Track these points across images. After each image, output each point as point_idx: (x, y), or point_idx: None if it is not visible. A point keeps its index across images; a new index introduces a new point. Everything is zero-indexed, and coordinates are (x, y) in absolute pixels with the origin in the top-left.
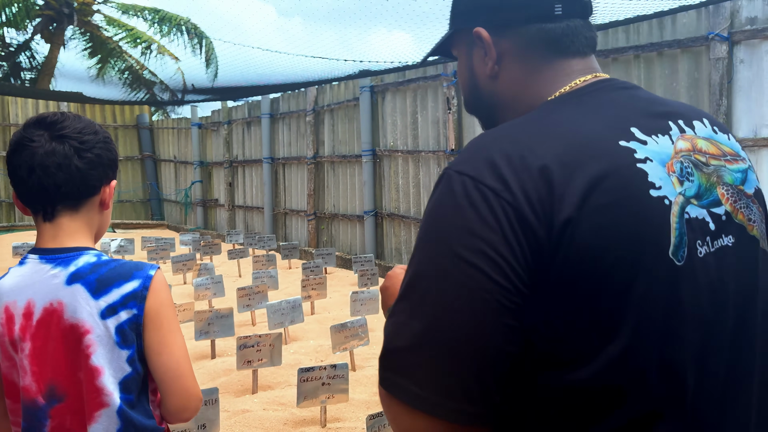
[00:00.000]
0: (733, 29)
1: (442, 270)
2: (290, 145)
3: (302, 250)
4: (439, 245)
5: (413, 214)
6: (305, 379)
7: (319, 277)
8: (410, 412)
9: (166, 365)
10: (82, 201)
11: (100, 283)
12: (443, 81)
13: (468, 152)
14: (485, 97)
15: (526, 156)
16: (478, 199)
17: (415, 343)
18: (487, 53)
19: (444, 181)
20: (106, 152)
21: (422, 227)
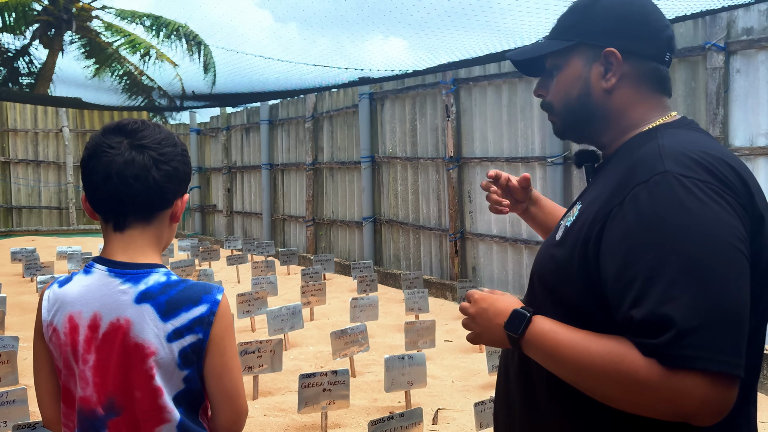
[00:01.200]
0: (730, 39)
1: (718, 256)
2: (289, 152)
3: (301, 256)
4: (710, 238)
5: (412, 220)
6: (306, 385)
7: (319, 283)
8: (711, 379)
9: (226, 387)
10: (155, 213)
11: (170, 306)
12: (442, 89)
13: (670, 158)
14: (593, 107)
15: (718, 161)
16: (716, 196)
17: (714, 321)
18: (611, 71)
19: (668, 182)
20: (182, 165)
21: (670, 224)
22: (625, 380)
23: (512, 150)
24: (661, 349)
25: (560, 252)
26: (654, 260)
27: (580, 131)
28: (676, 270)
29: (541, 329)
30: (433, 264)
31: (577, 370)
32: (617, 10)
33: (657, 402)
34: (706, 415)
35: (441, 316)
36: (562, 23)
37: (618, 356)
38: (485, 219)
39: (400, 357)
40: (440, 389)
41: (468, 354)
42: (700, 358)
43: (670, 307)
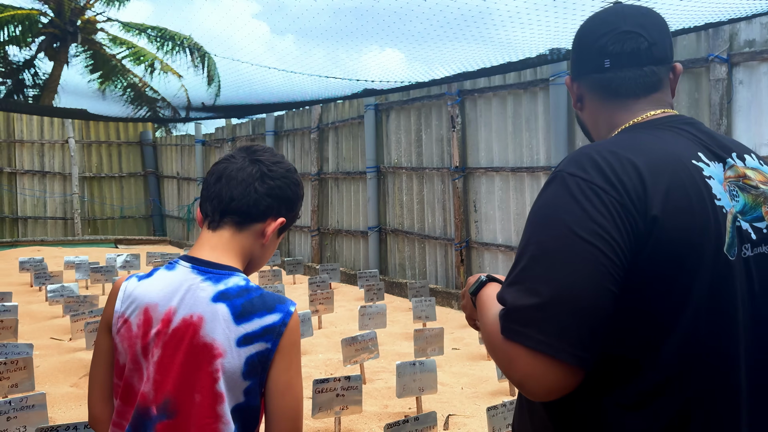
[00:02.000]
0: (732, 51)
1: (566, 247)
2: (294, 162)
3: (306, 265)
4: (561, 229)
5: (417, 230)
6: (320, 390)
7: (326, 292)
8: (532, 356)
9: (287, 406)
10: (248, 222)
11: (245, 310)
12: (447, 100)
13: (575, 159)
14: (583, 125)
15: (624, 161)
16: (591, 195)
17: (543, 302)
18: (573, 95)
19: (558, 180)
20: (286, 188)
21: (538, 216)
22: (489, 342)
23: (517, 160)
24: (501, 319)
25: None
26: (522, 247)
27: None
28: (528, 257)
29: (486, 293)
30: (438, 273)
31: (484, 332)
32: (577, 40)
33: (501, 365)
34: (532, 389)
35: (447, 324)
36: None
37: (492, 320)
38: (490, 228)
39: (411, 363)
40: (450, 396)
41: (476, 362)
42: (521, 334)
43: (512, 288)
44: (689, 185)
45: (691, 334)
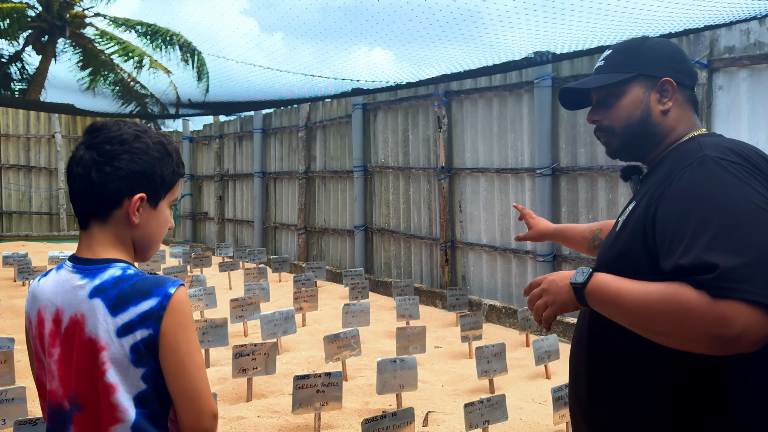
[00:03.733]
0: (713, 57)
1: (752, 215)
2: (282, 160)
3: (292, 263)
4: (740, 200)
5: (403, 229)
6: (301, 386)
7: (311, 290)
8: (752, 308)
9: (182, 386)
10: (107, 212)
11: (119, 300)
12: (434, 100)
13: (715, 148)
14: (652, 126)
15: (749, 150)
16: (746, 173)
17: (750, 261)
18: (667, 96)
19: (710, 163)
20: (129, 164)
21: (708, 192)
22: (679, 310)
23: (502, 161)
24: (710, 281)
25: (620, 241)
26: (698, 220)
27: (636, 148)
28: (716, 225)
29: (603, 279)
30: (423, 272)
31: (636, 309)
32: (663, 49)
33: (706, 328)
34: (748, 341)
35: (431, 323)
36: (615, 60)
37: (673, 291)
38: (475, 228)
39: (392, 360)
40: (430, 393)
41: (458, 360)
42: (742, 289)
43: (714, 252)
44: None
45: None
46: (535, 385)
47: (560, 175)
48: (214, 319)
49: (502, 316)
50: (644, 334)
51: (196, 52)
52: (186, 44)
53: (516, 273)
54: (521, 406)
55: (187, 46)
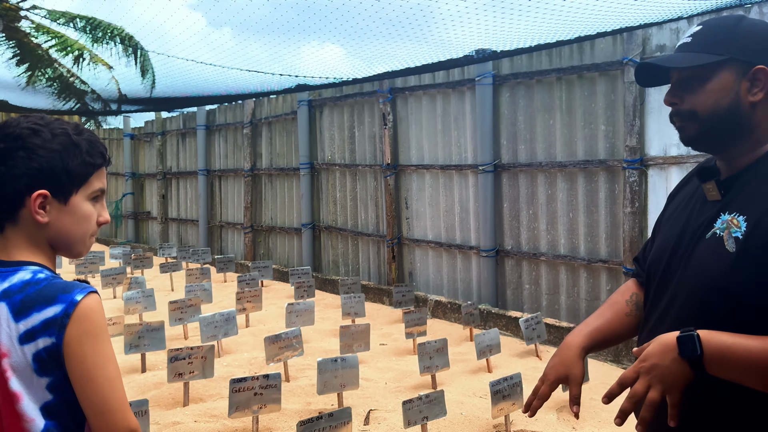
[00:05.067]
0: (645, 55)
1: None
2: (227, 158)
3: (238, 263)
4: None
5: (350, 226)
6: (237, 389)
7: (255, 290)
8: None
9: (90, 399)
10: (15, 213)
11: (24, 305)
12: (379, 97)
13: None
14: (739, 117)
15: None
16: None
17: None
18: (759, 86)
19: None
20: (25, 161)
21: None
22: None
23: (447, 158)
24: None
25: (747, 263)
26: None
27: (717, 139)
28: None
29: (719, 342)
30: (371, 269)
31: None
32: (762, 32)
33: None
34: None
35: (378, 320)
36: (706, 39)
37: None
38: (421, 225)
39: (333, 360)
40: (373, 391)
41: (402, 357)
42: None
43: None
44: None
45: None
46: (477, 379)
47: (502, 171)
48: (150, 322)
49: (448, 312)
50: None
51: (139, 47)
52: (128, 38)
53: (461, 268)
54: (462, 401)
55: (129, 41)
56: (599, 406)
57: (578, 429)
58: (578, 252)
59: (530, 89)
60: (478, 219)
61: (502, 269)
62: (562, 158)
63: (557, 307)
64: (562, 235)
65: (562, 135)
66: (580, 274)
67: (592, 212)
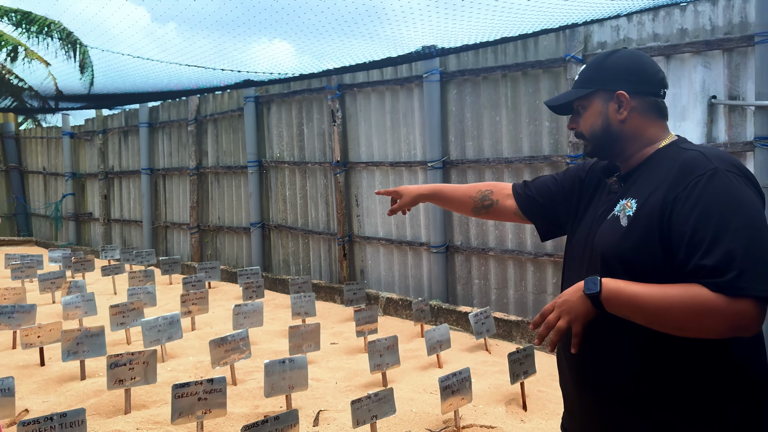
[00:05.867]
0: (587, 52)
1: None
2: (171, 156)
3: (185, 264)
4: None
5: (301, 225)
6: (180, 395)
7: (201, 292)
8: (759, 302)
9: None
10: None
11: None
12: (328, 94)
13: (723, 160)
14: (613, 133)
15: (738, 161)
16: (749, 185)
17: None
18: (623, 107)
19: (725, 176)
20: None
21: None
22: (700, 310)
23: (396, 155)
24: (728, 283)
25: (634, 234)
26: (716, 225)
27: (604, 151)
28: (732, 231)
29: (615, 285)
30: (322, 268)
31: (657, 310)
32: (622, 63)
33: (723, 322)
34: (754, 328)
35: (329, 319)
36: (583, 76)
37: (692, 293)
38: (372, 222)
39: (281, 361)
40: (324, 391)
41: (353, 355)
42: (755, 288)
43: (733, 255)
44: None
45: None
46: (428, 375)
47: (451, 167)
48: (89, 327)
49: (399, 308)
50: (661, 329)
51: (78, 42)
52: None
53: (412, 265)
54: (413, 398)
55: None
56: (546, 398)
57: (526, 421)
58: (525, 246)
59: (477, 86)
60: (428, 215)
61: (452, 265)
62: (509, 154)
63: (506, 301)
64: (509, 230)
65: (508, 131)
66: (527, 268)
67: None
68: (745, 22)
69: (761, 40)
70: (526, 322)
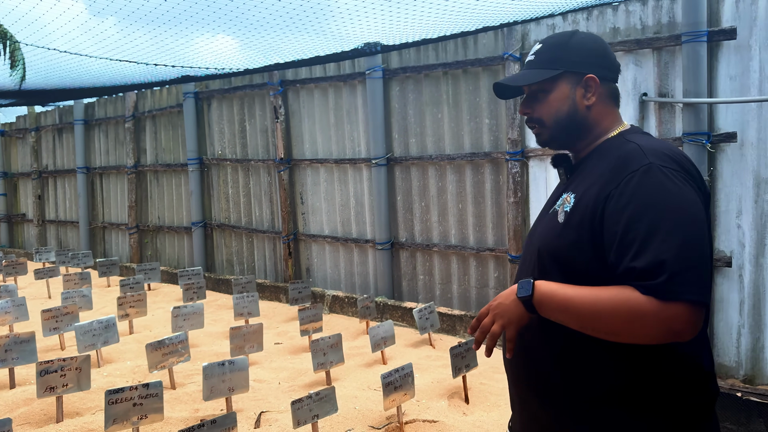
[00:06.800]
0: (524, 50)
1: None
2: (108, 154)
3: (123, 266)
4: (681, 209)
5: (244, 224)
6: (114, 401)
7: (139, 294)
8: (693, 308)
9: None
10: None
11: None
12: (270, 90)
13: (656, 154)
14: (578, 120)
15: (682, 156)
16: (684, 181)
17: (695, 265)
18: (591, 92)
19: (656, 171)
20: None
21: (656, 199)
22: (631, 314)
23: (341, 152)
24: (659, 287)
25: (568, 231)
26: (648, 226)
27: (565, 139)
28: (665, 232)
29: (548, 288)
30: (267, 267)
31: (588, 314)
32: (588, 46)
33: (655, 327)
34: (689, 333)
35: (274, 319)
36: (546, 56)
37: (624, 297)
38: (317, 220)
39: (220, 364)
40: (266, 392)
41: (297, 355)
42: (687, 291)
43: (664, 257)
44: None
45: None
46: (372, 372)
47: (394, 164)
48: (19, 333)
49: (345, 306)
50: (594, 334)
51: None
52: None
53: (358, 262)
54: (357, 395)
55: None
56: (488, 391)
57: (468, 414)
58: (468, 242)
59: (419, 83)
60: (373, 212)
61: (397, 261)
62: (451, 151)
63: (450, 296)
64: (452, 226)
65: (450, 128)
66: (470, 263)
67: (479, 203)
68: (673, 21)
69: (688, 39)
70: (470, 316)
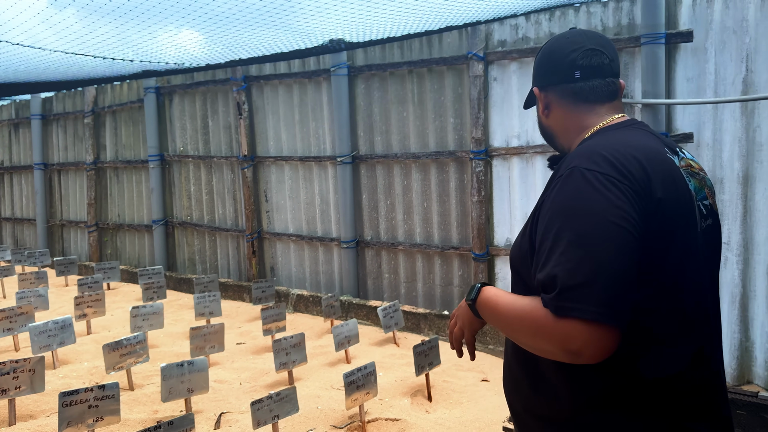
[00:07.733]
0: (488, 50)
1: (600, 231)
2: (66, 150)
3: (82, 265)
4: (592, 216)
5: (207, 222)
6: (68, 403)
7: (97, 294)
8: (587, 325)
9: None
10: None
11: None
12: (233, 85)
13: (586, 156)
14: (546, 131)
15: (627, 155)
16: (609, 185)
17: (588, 280)
18: (541, 103)
19: (577, 175)
20: None
21: (567, 207)
22: (531, 327)
23: (305, 149)
24: (551, 301)
25: (522, 240)
26: (554, 235)
27: (552, 146)
28: (566, 242)
29: (486, 295)
30: (231, 266)
31: (506, 322)
32: (538, 57)
33: (552, 343)
34: (590, 354)
35: (237, 318)
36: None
37: (528, 309)
38: (282, 218)
39: (179, 364)
40: (227, 393)
41: (260, 355)
42: (577, 309)
43: (558, 269)
44: (674, 173)
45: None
46: (335, 371)
47: (360, 162)
48: None
49: (310, 305)
50: (517, 344)
51: None
52: None
53: (323, 261)
54: (319, 395)
55: None
56: (451, 388)
57: (431, 411)
58: (433, 240)
59: (384, 81)
60: (338, 210)
61: (362, 260)
62: (416, 149)
63: (415, 294)
64: (417, 224)
65: (415, 127)
66: (435, 261)
67: (444, 201)
68: (633, 23)
69: (646, 41)
70: (434, 314)
